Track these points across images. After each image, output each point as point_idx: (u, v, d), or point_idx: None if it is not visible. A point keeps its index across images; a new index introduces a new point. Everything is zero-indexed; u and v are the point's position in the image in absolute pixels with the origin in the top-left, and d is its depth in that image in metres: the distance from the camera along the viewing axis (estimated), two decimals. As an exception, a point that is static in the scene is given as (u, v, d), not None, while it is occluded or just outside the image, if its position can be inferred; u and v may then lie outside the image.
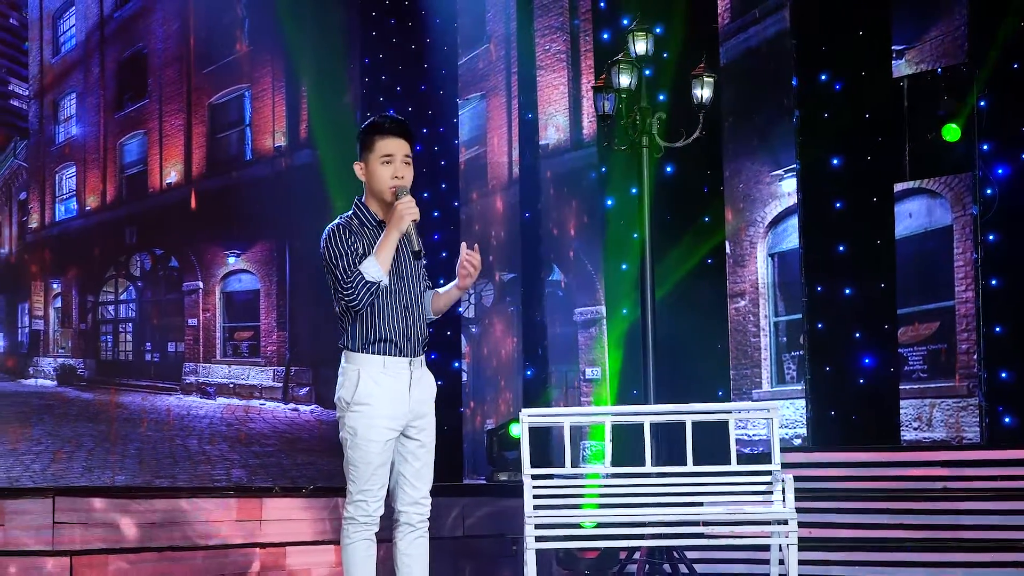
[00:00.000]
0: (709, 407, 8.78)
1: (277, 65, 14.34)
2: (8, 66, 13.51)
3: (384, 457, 5.84)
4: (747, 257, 12.59)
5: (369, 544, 5.89)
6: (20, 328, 13.42)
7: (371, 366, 5.80)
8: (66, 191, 13.69)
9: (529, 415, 8.58)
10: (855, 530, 9.81)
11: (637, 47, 9.36)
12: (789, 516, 8.01)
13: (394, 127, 5.99)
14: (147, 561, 9.57)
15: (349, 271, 5.75)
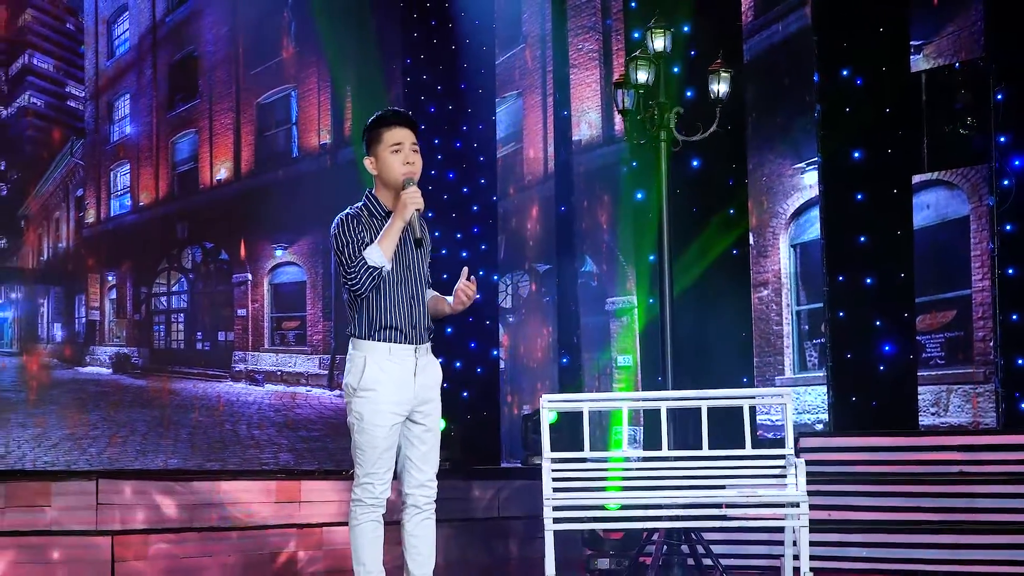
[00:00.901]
0: (724, 393, 8.64)
1: (322, 66, 14.27)
2: (65, 69, 13.52)
3: (390, 441, 5.76)
4: (770, 248, 12.43)
5: (376, 525, 5.81)
6: (77, 319, 13.43)
7: (377, 353, 5.73)
8: (120, 188, 13.68)
9: (549, 400, 8.48)
10: (873, 512, 9.68)
11: (655, 44, 9.22)
12: (801, 499, 7.88)
13: (399, 118, 5.94)
14: (189, 541, 9.55)
15: (353, 257, 5.69)
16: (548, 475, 8.16)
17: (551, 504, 8.05)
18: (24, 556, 8.96)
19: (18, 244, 13.33)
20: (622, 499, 8.20)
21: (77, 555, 8.98)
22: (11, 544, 8.99)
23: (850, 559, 9.50)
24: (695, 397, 8.66)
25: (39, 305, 13.38)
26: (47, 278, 13.44)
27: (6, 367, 13.05)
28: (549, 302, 14.16)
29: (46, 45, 13.53)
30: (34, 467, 12.12)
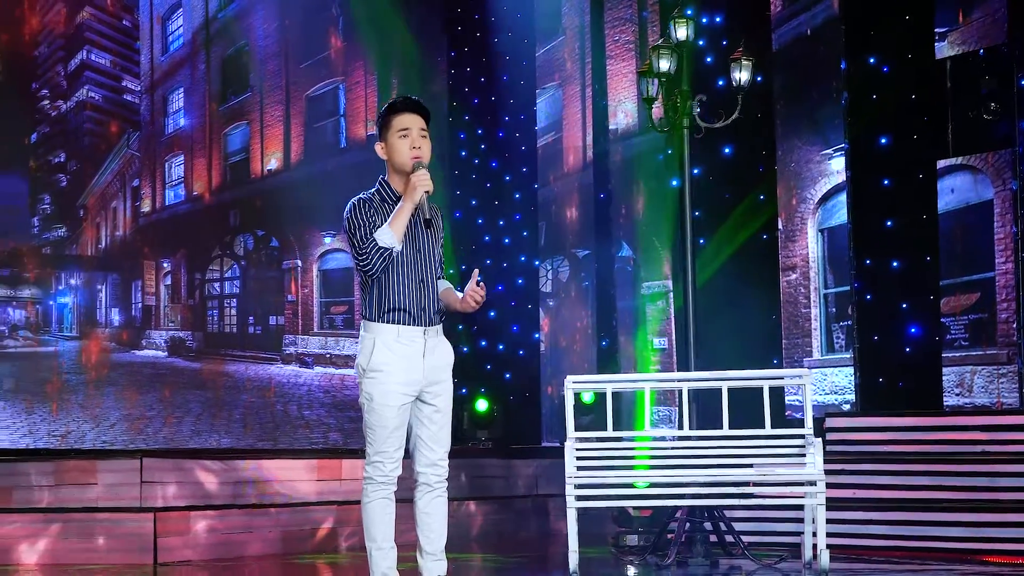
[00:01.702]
0: (743, 374, 8.53)
1: (369, 59, 14.23)
2: (122, 64, 13.56)
3: (399, 421, 5.69)
4: (798, 233, 12.26)
5: (387, 503, 5.73)
6: (134, 304, 13.48)
7: (386, 334, 5.66)
8: (175, 178, 13.70)
9: (573, 381, 8.40)
10: (897, 491, 9.52)
11: (678, 33, 9.07)
12: (818, 478, 7.75)
13: (407, 104, 5.84)
14: (230, 517, 9.56)
15: (365, 239, 5.63)
16: (571, 454, 8.09)
17: (573, 482, 7.97)
18: (70, 531, 9.00)
19: (78, 233, 13.40)
20: (643, 477, 8.11)
21: (120, 530, 9.02)
22: (59, 519, 9.04)
23: (874, 536, 9.34)
24: (715, 378, 8.56)
25: (98, 291, 13.44)
26: (105, 265, 13.50)
27: (67, 351, 13.14)
28: (588, 286, 14.04)
29: (103, 41, 13.58)
30: (93, 447, 12.19)
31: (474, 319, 13.98)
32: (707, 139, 11.95)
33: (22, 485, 9.31)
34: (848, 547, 9.30)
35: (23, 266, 13.14)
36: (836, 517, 9.48)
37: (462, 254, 14.10)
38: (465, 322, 14.01)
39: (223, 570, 8.73)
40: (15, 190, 13.07)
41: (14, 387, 12.57)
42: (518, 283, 14.08)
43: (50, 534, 8.98)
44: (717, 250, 11.66)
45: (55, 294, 13.26)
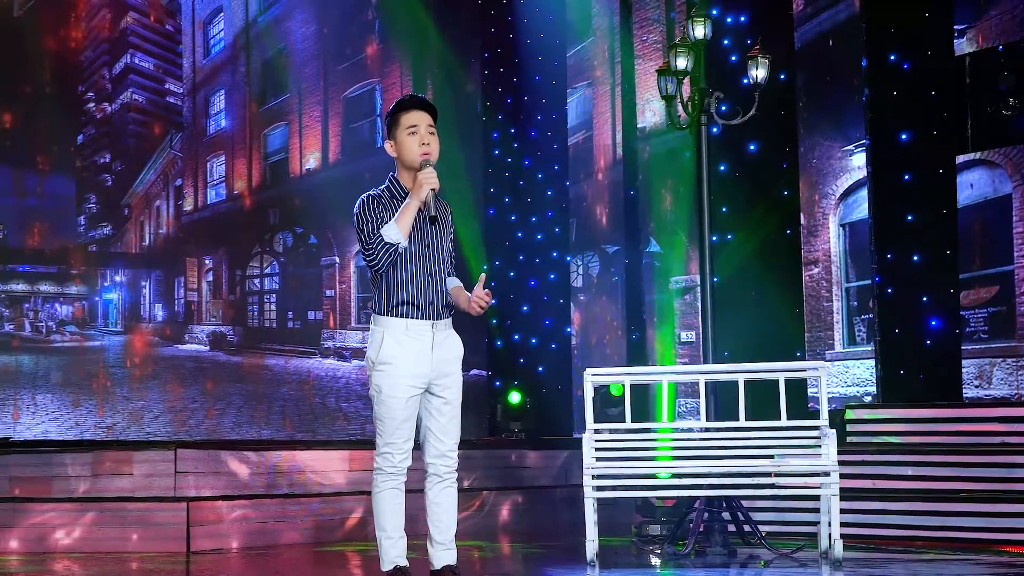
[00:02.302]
0: (758, 366, 8.41)
1: (404, 61, 14.21)
2: (165, 67, 13.60)
3: (408, 413, 5.64)
4: (820, 227, 12.10)
5: (396, 493, 5.69)
6: (177, 299, 13.53)
7: (394, 328, 5.61)
8: (216, 177, 13.74)
9: (592, 374, 8.32)
10: (916, 482, 9.39)
11: (695, 31, 8.96)
12: (831, 468, 7.64)
13: (415, 102, 5.80)
14: (262, 506, 9.53)
15: (372, 235, 5.61)
16: (589, 445, 8.02)
17: (591, 473, 7.90)
18: (105, 520, 9.01)
19: (122, 231, 13.45)
20: (660, 468, 8.02)
21: (154, 520, 9.01)
22: (95, 508, 9.05)
23: (892, 527, 9.22)
24: (731, 370, 8.47)
25: (142, 287, 13.50)
26: (149, 262, 13.55)
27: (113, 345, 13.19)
28: (618, 281, 13.94)
29: (147, 46, 13.62)
30: (137, 438, 12.23)
31: (508, 314, 13.94)
32: (733, 136, 11.89)
33: (61, 475, 9.34)
34: (867, 537, 9.19)
35: (70, 263, 13.22)
36: (855, 507, 9.38)
37: (496, 250, 14.05)
38: (499, 316, 13.97)
39: (255, 558, 8.70)
40: (62, 190, 13.15)
41: (62, 380, 12.64)
42: (550, 278, 14.03)
43: (86, 522, 8.99)
44: (742, 245, 11.55)
45: (101, 290, 13.33)
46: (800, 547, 8.45)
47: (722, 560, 8.22)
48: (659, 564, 8.02)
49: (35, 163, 12.74)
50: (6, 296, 12.82)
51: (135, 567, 8.09)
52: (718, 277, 11.80)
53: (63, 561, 8.51)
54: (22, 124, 12.69)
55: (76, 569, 8.09)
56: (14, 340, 12.81)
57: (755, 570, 7.76)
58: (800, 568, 7.67)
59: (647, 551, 8.56)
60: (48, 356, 12.89)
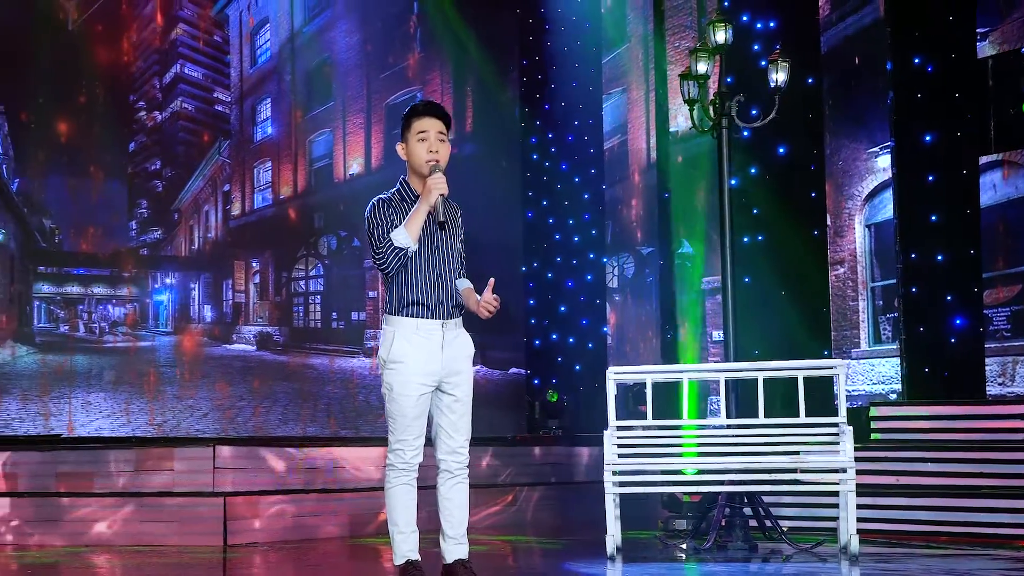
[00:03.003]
0: (776, 364, 8.33)
1: (445, 69, 14.18)
2: (213, 77, 13.64)
3: (418, 410, 5.59)
4: (846, 228, 11.95)
5: (408, 489, 5.64)
6: (225, 301, 13.55)
7: (405, 327, 5.57)
8: (263, 183, 13.75)
9: (615, 372, 8.26)
10: (939, 478, 9.25)
11: (716, 36, 8.87)
12: (848, 464, 7.54)
13: (428, 108, 5.75)
14: (297, 501, 9.53)
15: (382, 239, 5.56)
16: (610, 442, 7.96)
17: (611, 469, 7.83)
18: (145, 514, 9.04)
19: (172, 235, 13.50)
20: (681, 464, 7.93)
21: (193, 513, 9.03)
22: (135, 502, 9.09)
23: (915, 522, 9.10)
24: (751, 368, 8.38)
25: (191, 289, 13.53)
26: (198, 265, 13.59)
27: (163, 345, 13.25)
28: (652, 282, 13.86)
29: (196, 56, 13.67)
30: (187, 435, 12.26)
31: (546, 314, 13.89)
32: (762, 139, 11.78)
33: (104, 471, 9.38)
34: (890, 532, 9.07)
35: (122, 266, 13.28)
36: (879, 503, 9.26)
37: (534, 252, 14.01)
38: (537, 317, 13.92)
39: (290, 551, 8.70)
40: (115, 196, 13.22)
41: (114, 379, 12.70)
42: (587, 279, 13.97)
43: (127, 516, 9.03)
44: (771, 245, 11.45)
45: (152, 292, 13.38)
46: (820, 542, 8.34)
47: (743, 554, 8.13)
48: (679, 558, 7.94)
49: (89, 171, 12.82)
50: (61, 298, 12.90)
51: (173, 560, 8.11)
52: (748, 277, 11.74)
53: (104, 554, 8.54)
54: (76, 133, 12.76)
55: (117, 561, 8.13)
56: (69, 341, 12.87)
57: (774, 564, 7.66)
58: (819, 563, 7.57)
59: (670, 545, 8.47)
60: (101, 356, 12.95)
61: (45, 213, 13.01)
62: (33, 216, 12.94)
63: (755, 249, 11.63)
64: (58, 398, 12.33)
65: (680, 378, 8.47)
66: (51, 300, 13.00)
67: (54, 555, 8.49)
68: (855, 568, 7.20)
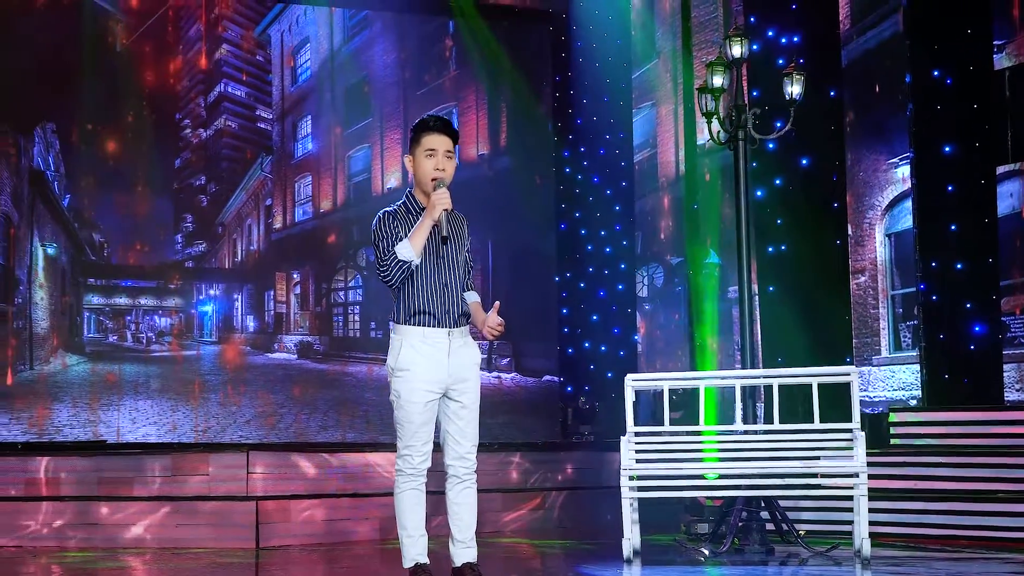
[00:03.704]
0: (790, 371, 8.25)
1: (479, 85, 14.16)
2: (255, 95, 13.70)
3: (425, 417, 5.57)
4: (866, 238, 11.82)
5: (416, 493, 5.62)
6: (267, 311, 13.60)
7: (412, 336, 5.56)
8: (303, 197, 13.79)
9: (633, 379, 8.22)
10: (956, 482, 9.09)
11: (733, 50, 8.80)
12: (860, 469, 7.45)
13: (438, 125, 5.72)
14: (330, 504, 9.53)
15: (387, 251, 5.54)
16: (626, 448, 7.90)
17: (628, 474, 7.78)
18: (181, 517, 9.07)
19: (216, 248, 13.56)
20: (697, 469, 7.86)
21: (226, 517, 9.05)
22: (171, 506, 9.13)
23: (932, 526, 8.96)
24: (765, 375, 8.32)
25: (234, 300, 13.59)
26: (241, 277, 13.65)
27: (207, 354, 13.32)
28: (680, 291, 13.78)
29: (239, 75, 13.75)
30: (230, 441, 12.30)
31: (578, 323, 13.83)
32: (787, 152, 11.68)
33: (143, 476, 9.44)
34: (908, 535, 8.95)
35: (168, 278, 13.37)
36: (898, 507, 9.14)
37: (567, 263, 13.96)
38: (570, 326, 13.87)
39: (319, 554, 8.70)
40: (161, 211, 13.31)
41: (160, 387, 12.78)
42: (618, 289, 13.90)
43: (164, 519, 9.07)
44: (794, 255, 11.34)
45: (197, 303, 13.45)
46: (835, 545, 8.25)
47: (760, 558, 8.04)
48: (696, 561, 7.86)
49: (137, 187, 12.93)
50: (110, 309, 13.00)
51: (206, 561, 8.13)
52: (772, 286, 11.64)
53: (141, 556, 8.58)
54: (125, 151, 12.87)
55: (152, 563, 8.16)
56: (117, 350, 12.97)
57: (788, 568, 7.58)
58: (833, 566, 7.47)
59: (690, 548, 8.39)
60: (148, 365, 13.04)
61: (95, 228, 13.13)
62: (83, 231, 13.05)
63: (779, 258, 11.52)
64: (107, 405, 12.43)
65: (696, 385, 8.38)
66: (100, 311, 13.11)
67: (93, 557, 8.54)
68: (867, 571, 7.10)
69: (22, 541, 9.11)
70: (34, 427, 11.96)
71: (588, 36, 14.06)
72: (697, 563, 7.72)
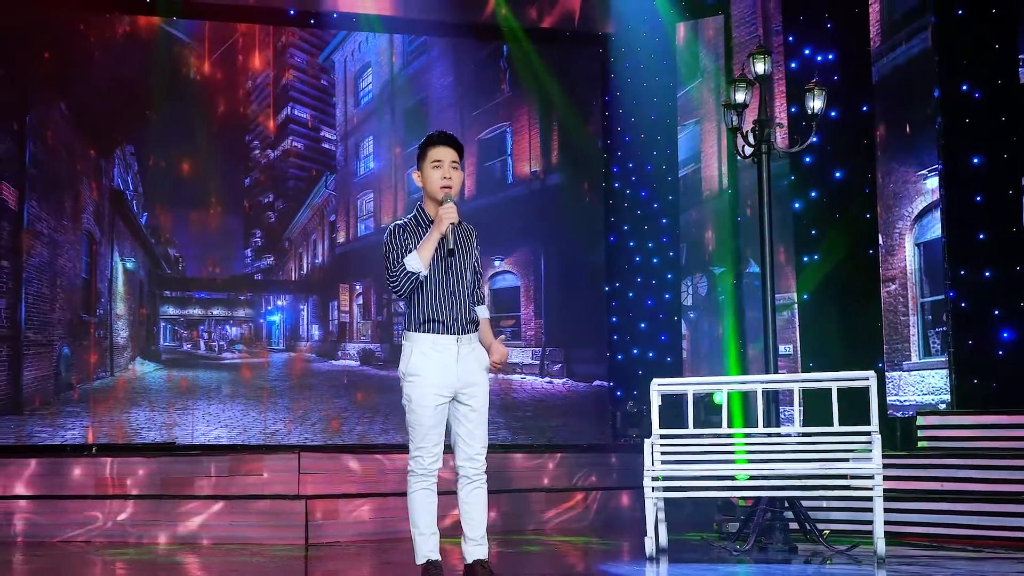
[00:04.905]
0: (811, 376, 8.14)
1: (532, 106, 14.12)
2: (320, 117, 13.78)
3: (435, 420, 5.53)
4: (897, 247, 11.58)
5: (428, 493, 5.59)
6: (331, 320, 13.65)
7: (422, 343, 5.52)
8: (365, 213, 13.83)
9: (659, 383, 8.12)
10: (982, 484, 8.90)
11: (756, 67, 8.68)
12: (876, 471, 7.29)
13: (442, 138, 5.71)
14: (377, 503, 9.54)
15: (396, 263, 5.51)
16: (650, 450, 7.81)
17: (651, 475, 7.69)
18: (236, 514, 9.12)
19: (283, 261, 13.64)
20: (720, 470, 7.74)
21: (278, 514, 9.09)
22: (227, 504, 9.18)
23: (958, 526, 8.77)
24: (785, 380, 8.18)
25: (300, 310, 13.66)
26: (307, 288, 13.72)
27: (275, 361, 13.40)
28: (723, 300, 13.63)
29: (304, 99, 13.83)
30: (297, 442, 12.35)
31: (627, 330, 13.72)
32: (822, 165, 11.52)
33: (202, 475, 9.52)
34: (933, 535, 8.77)
35: (239, 290, 13.48)
36: (924, 507, 8.96)
37: (617, 273, 13.87)
38: (619, 333, 13.76)
39: (365, 551, 8.71)
40: (232, 227, 13.42)
41: (231, 392, 12.88)
42: (665, 298, 13.78)
43: (220, 516, 9.13)
44: (828, 264, 11.18)
45: (265, 313, 13.54)
46: (856, 544, 8.08)
47: (783, 556, 7.92)
48: (718, 559, 7.74)
49: (209, 204, 13.08)
50: (184, 320, 13.14)
51: (259, 556, 8.17)
52: (807, 294, 11.49)
53: (198, 551, 8.65)
54: (198, 171, 13.03)
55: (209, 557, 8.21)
56: (191, 358, 13.11)
57: (804, 565, 7.44)
58: (850, 564, 7.32)
59: (716, 547, 8.28)
60: (220, 371, 13.15)
61: (170, 243, 13.27)
62: (160, 246, 13.21)
63: (813, 268, 11.38)
64: (181, 409, 12.54)
65: (719, 389, 8.27)
66: (175, 321, 13.25)
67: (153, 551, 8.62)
68: (881, 570, 6.95)
69: (90, 535, 9.23)
70: (113, 430, 12.10)
71: (636, 58, 13.99)
72: (720, 561, 7.60)
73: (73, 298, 12.56)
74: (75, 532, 9.17)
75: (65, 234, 12.52)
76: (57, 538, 9.18)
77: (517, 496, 10.44)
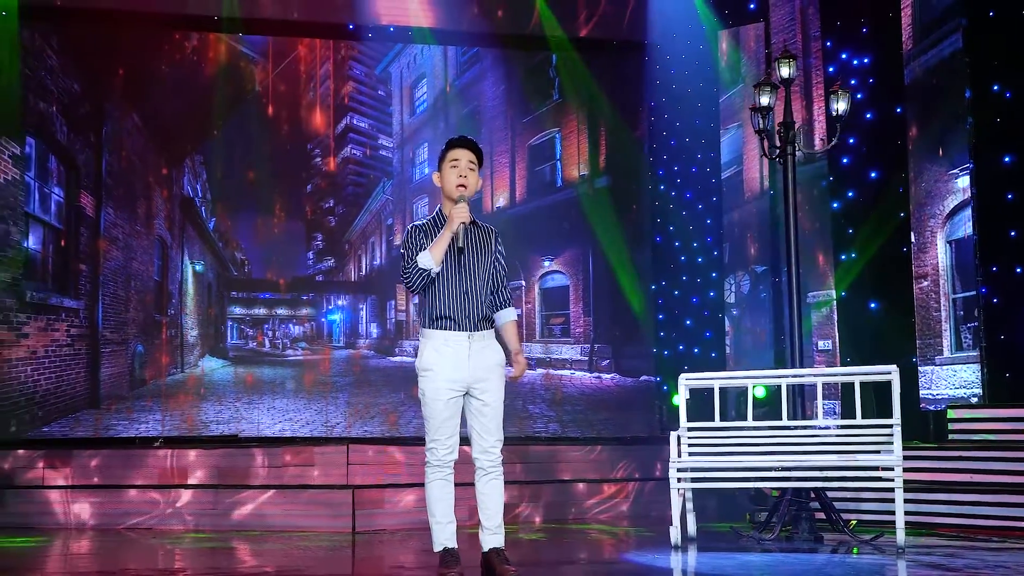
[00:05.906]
0: (832, 371, 7.97)
1: (581, 112, 14.03)
2: (377, 126, 13.81)
3: (449, 413, 5.48)
4: (928, 245, 11.31)
5: (444, 484, 5.54)
6: (388, 319, 13.66)
7: (435, 339, 5.47)
8: (420, 217, 13.81)
9: (687, 378, 8.01)
10: (1011, 476, 8.66)
11: (781, 71, 8.52)
12: (895, 463, 7.12)
13: (460, 140, 5.66)
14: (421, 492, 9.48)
15: (410, 261, 5.46)
16: (675, 443, 7.70)
17: (676, 466, 7.57)
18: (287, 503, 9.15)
19: (343, 263, 13.68)
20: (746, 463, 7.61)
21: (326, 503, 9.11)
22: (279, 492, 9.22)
23: (987, 517, 8.54)
24: (810, 374, 8.02)
25: (359, 309, 13.69)
26: (365, 288, 13.74)
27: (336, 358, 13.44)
28: (765, 298, 13.42)
29: (363, 108, 13.85)
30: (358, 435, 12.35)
31: (673, 327, 13.58)
32: (859, 166, 11.32)
33: (258, 466, 9.56)
34: (962, 526, 8.54)
35: (301, 291, 13.54)
36: (953, 499, 8.74)
37: (663, 272, 13.73)
38: (666, 330, 13.61)
39: (408, 538, 8.68)
40: (294, 231, 13.49)
41: (295, 388, 12.93)
42: (709, 296, 13.62)
43: (273, 504, 9.17)
44: (863, 262, 10.97)
45: (326, 313, 13.59)
46: (880, 534, 7.91)
47: (808, 545, 7.76)
48: (744, 547, 7.60)
49: (273, 210, 13.16)
50: (250, 319, 13.24)
51: (308, 542, 8.18)
52: (844, 291, 11.28)
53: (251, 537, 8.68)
54: (262, 178, 13.12)
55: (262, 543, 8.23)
56: (256, 355, 13.19)
57: (827, 555, 7.27)
58: (874, 554, 7.14)
59: (743, 536, 8.13)
60: (283, 368, 13.23)
61: (237, 247, 13.37)
62: (227, 249, 13.32)
63: (850, 265, 11.17)
64: (247, 404, 12.62)
65: (745, 384, 8.13)
66: (241, 320, 13.34)
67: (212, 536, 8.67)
68: (901, 559, 6.77)
69: (151, 522, 9.30)
70: (183, 423, 12.21)
71: (680, 65, 13.84)
72: (745, 550, 7.47)
73: (146, 299, 12.71)
74: (138, 520, 9.25)
75: (139, 239, 12.67)
76: (121, 525, 9.26)
77: (562, 486, 10.38)
